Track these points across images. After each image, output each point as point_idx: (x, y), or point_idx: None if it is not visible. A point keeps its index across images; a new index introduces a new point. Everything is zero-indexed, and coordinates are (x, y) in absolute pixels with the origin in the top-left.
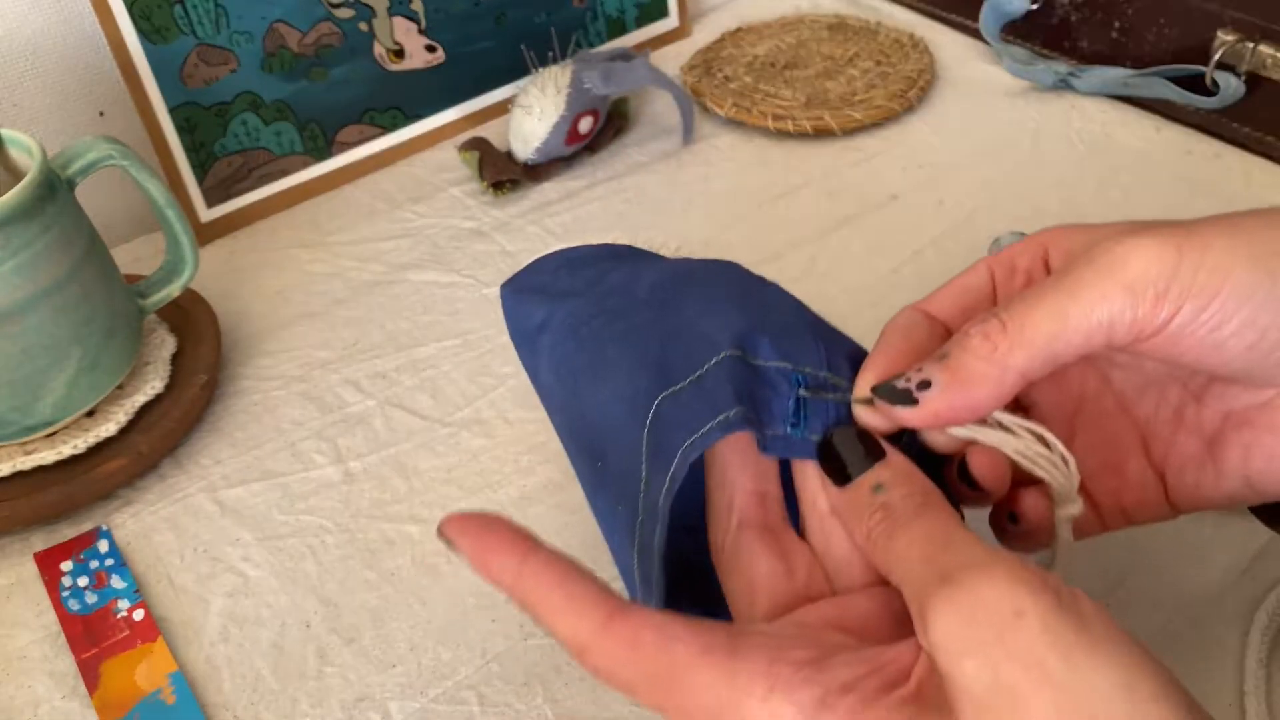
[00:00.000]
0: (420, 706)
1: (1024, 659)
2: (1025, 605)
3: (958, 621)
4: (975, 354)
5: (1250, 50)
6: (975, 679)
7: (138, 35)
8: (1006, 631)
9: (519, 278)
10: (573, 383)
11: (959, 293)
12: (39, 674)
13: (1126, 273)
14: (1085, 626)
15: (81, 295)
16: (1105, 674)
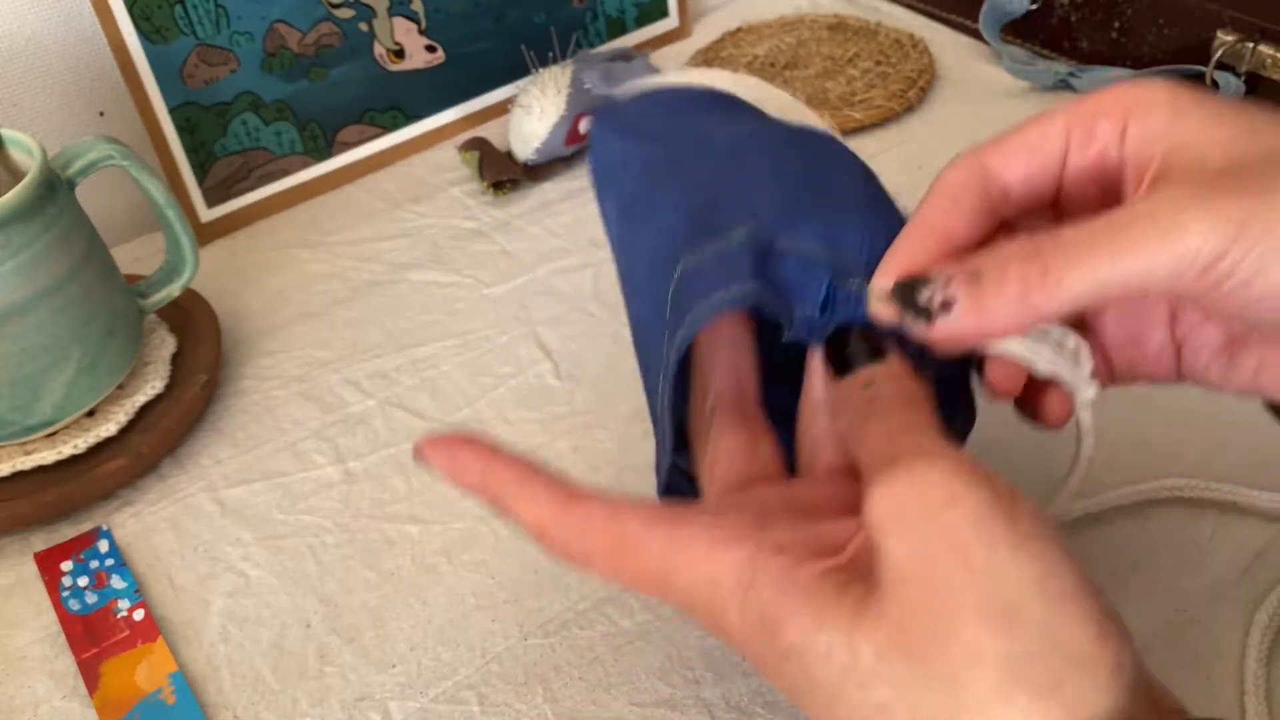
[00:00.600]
0: (420, 706)
1: (949, 541)
2: (960, 493)
3: (894, 498)
4: (1007, 294)
5: (1250, 50)
6: (900, 552)
7: (138, 35)
8: (938, 513)
9: (613, 111)
10: (630, 222)
11: (1028, 152)
12: (39, 674)
13: (1181, 244)
14: (1014, 523)
15: (81, 295)
16: (1025, 566)
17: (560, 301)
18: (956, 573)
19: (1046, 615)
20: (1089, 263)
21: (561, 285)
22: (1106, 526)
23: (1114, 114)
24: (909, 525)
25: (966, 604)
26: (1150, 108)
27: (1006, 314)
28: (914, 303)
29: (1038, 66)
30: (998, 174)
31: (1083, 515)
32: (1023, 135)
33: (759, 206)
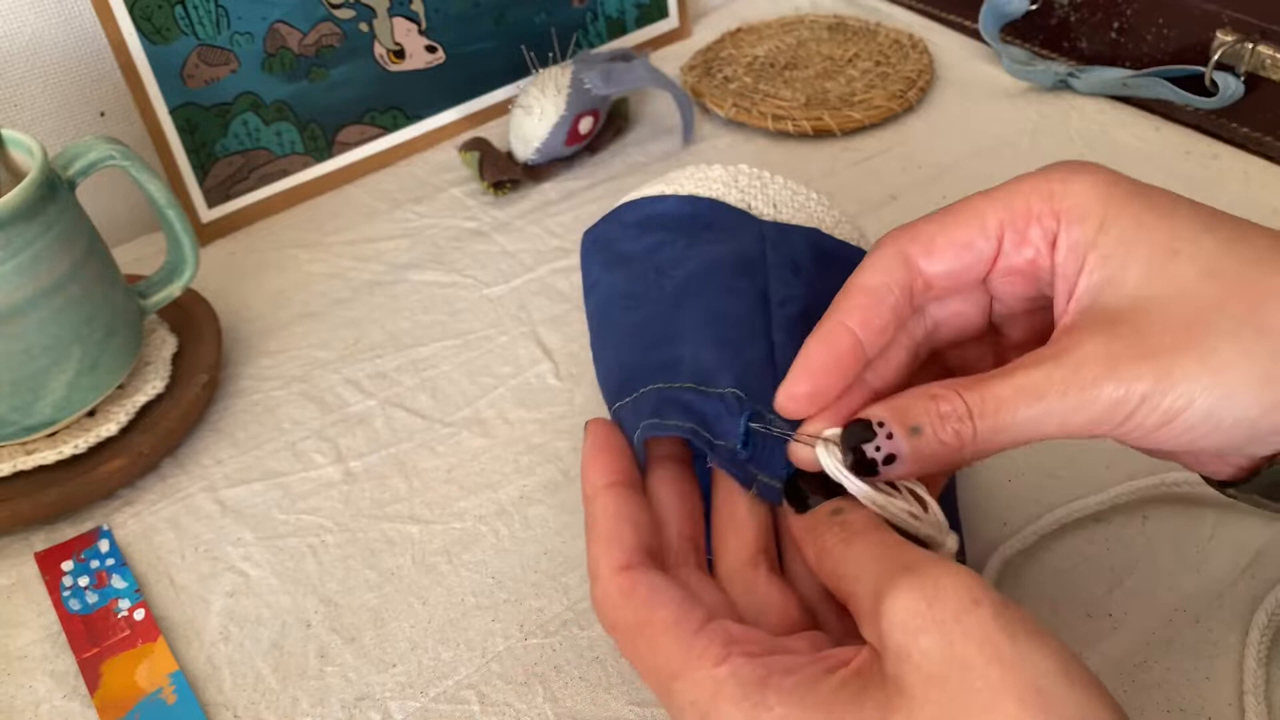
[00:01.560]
0: (420, 706)
1: (978, 637)
2: (980, 596)
3: (920, 601)
4: (943, 445)
5: (1249, 50)
6: (930, 653)
7: (138, 35)
8: (964, 614)
9: (598, 227)
10: (596, 327)
11: (956, 250)
12: (39, 674)
13: (1095, 406)
14: (1025, 620)
15: (82, 295)
16: (1048, 657)
17: (560, 301)
18: (991, 667)
19: (1075, 699)
20: (1014, 425)
21: (561, 285)
22: (1106, 526)
23: (1046, 220)
24: (938, 626)
25: (1004, 693)
26: (1080, 217)
27: (943, 460)
28: (861, 459)
29: (1037, 66)
30: (922, 269)
31: (1083, 515)
32: (951, 234)
33: (686, 349)
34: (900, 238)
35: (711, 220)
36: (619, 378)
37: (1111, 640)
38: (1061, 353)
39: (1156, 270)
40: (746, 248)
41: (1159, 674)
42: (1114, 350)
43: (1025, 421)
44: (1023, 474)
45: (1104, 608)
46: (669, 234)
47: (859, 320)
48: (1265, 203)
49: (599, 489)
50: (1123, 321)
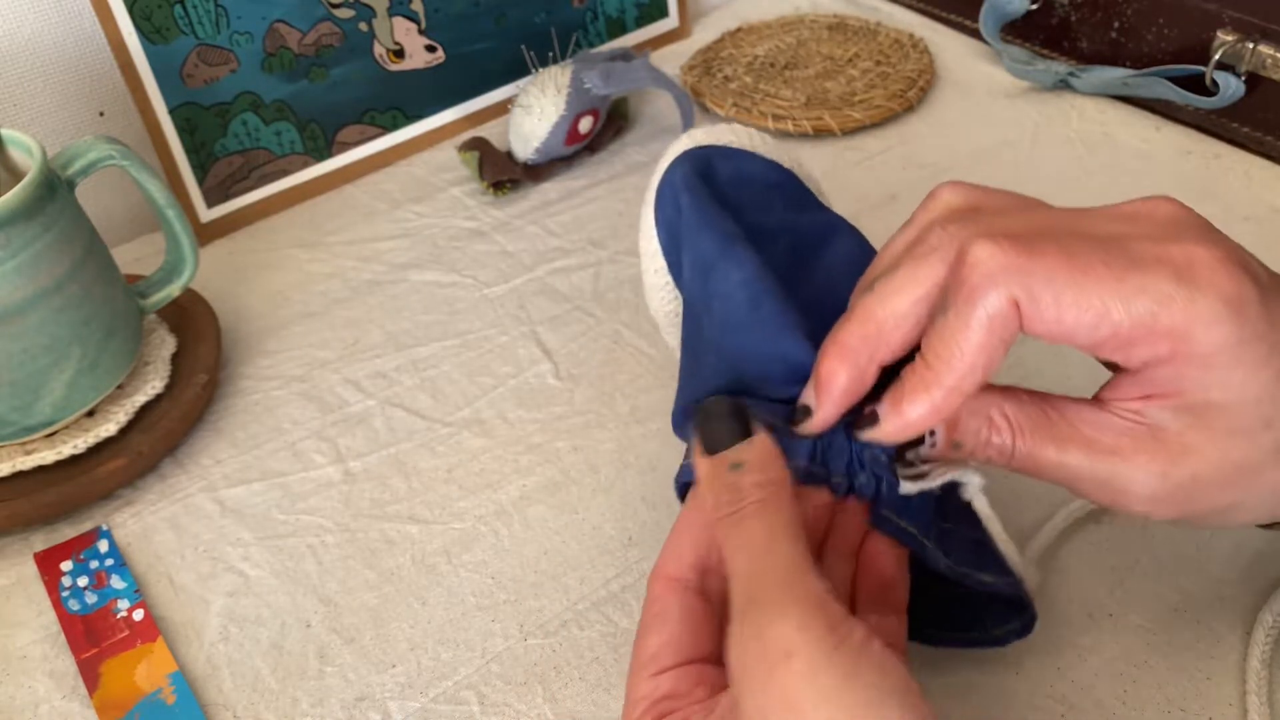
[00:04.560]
0: (420, 706)
1: (786, 698)
2: (796, 647)
3: (741, 653)
4: (973, 459)
5: (1250, 50)
6: (747, 706)
7: (138, 35)
8: (775, 670)
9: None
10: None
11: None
12: (39, 674)
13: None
14: (852, 669)
15: (82, 295)
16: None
17: (560, 301)
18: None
19: None
20: (1050, 474)
21: (561, 285)
22: (1106, 527)
23: (1162, 344)
24: (751, 679)
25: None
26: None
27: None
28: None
29: (1038, 66)
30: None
31: (1083, 515)
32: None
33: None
34: (1014, 281)
35: (799, 197)
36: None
37: (1112, 640)
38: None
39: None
40: (848, 237)
41: (1160, 674)
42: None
43: (1062, 479)
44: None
45: (1105, 608)
46: (780, 201)
47: (980, 380)
48: (1266, 202)
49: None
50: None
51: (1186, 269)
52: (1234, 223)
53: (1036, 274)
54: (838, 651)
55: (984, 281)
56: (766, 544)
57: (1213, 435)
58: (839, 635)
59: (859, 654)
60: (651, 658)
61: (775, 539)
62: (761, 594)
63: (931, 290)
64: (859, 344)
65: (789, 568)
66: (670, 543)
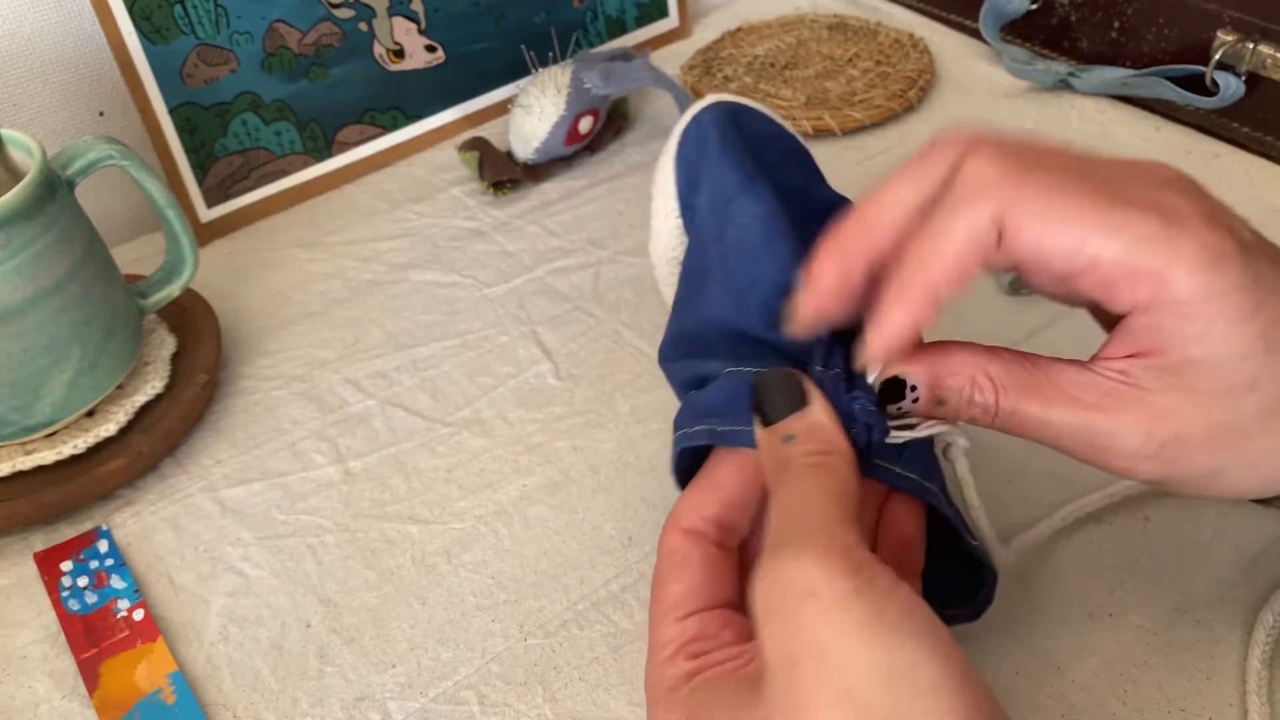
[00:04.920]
0: (420, 706)
1: (805, 636)
2: (819, 587)
3: (764, 592)
4: (956, 416)
5: (1250, 50)
6: (769, 646)
7: (138, 35)
8: (797, 608)
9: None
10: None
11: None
12: (39, 674)
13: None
14: (877, 614)
15: (82, 295)
16: (874, 655)
17: (560, 301)
18: (810, 664)
19: (892, 705)
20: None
21: (561, 285)
22: (1106, 526)
23: (1145, 290)
24: (774, 619)
25: (818, 694)
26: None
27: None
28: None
29: (1038, 66)
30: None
31: (1083, 515)
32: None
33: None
34: (1004, 198)
35: (812, 171)
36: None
37: (1112, 640)
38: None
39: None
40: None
41: (1160, 674)
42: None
43: (1046, 437)
44: (1023, 474)
45: (1105, 608)
46: (796, 168)
47: (945, 285)
48: (1266, 202)
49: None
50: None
51: (1173, 215)
52: None
53: (1025, 192)
54: (861, 593)
55: (972, 192)
56: (806, 501)
57: (1195, 395)
58: (864, 577)
59: (886, 595)
60: (676, 603)
61: (816, 498)
62: (789, 539)
63: (926, 191)
64: (848, 240)
65: (822, 520)
66: (689, 497)
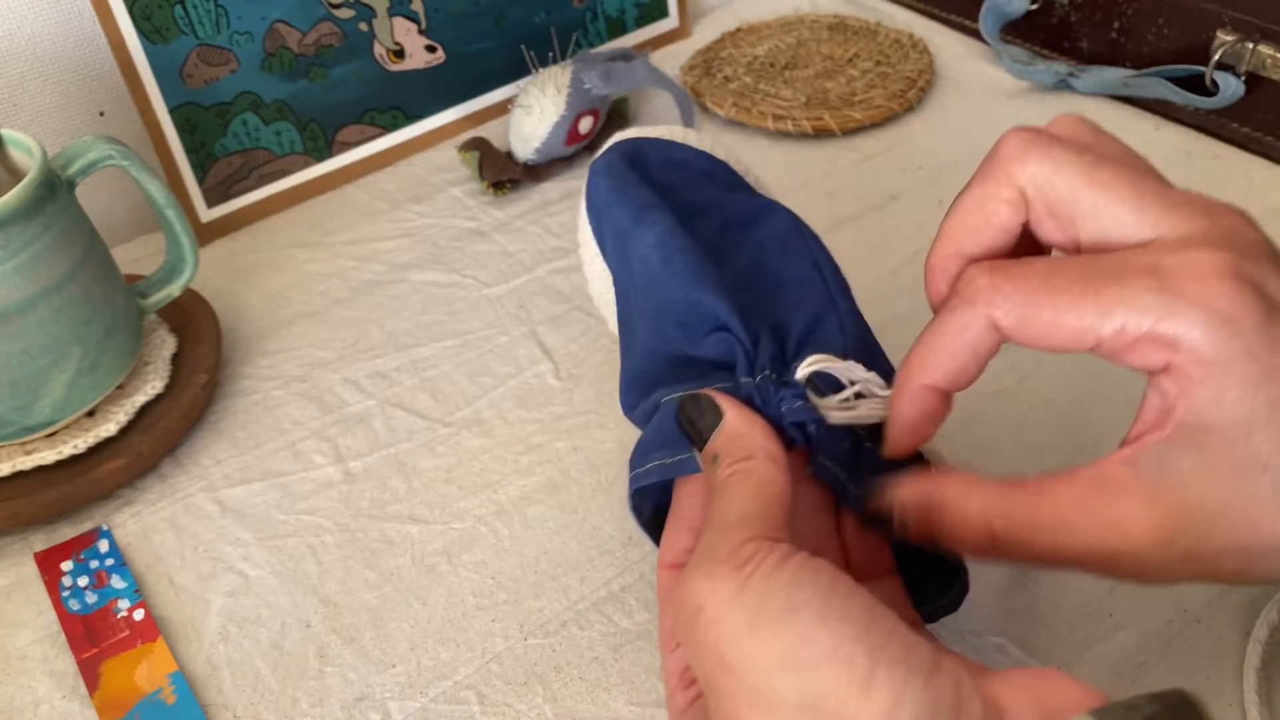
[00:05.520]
0: (420, 706)
1: (705, 650)
2: (704, 599)
3: (672, 617)
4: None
5: (1250, 50)
6: (697, 672)
7: (138, 35)
8: (694, 628)
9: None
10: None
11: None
12: (39, 674)
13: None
14: (758, 606)
15: (82, 295)
16: (767, 650)
17: (560, 301)
18: (721, 676)
19: (800, 688)
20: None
21: (561, 285)
22: None
23: (1156, 354)
24: (686, 645)
25: (736, 702)
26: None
27: None
28: None
29: (1038, 66)
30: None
31: None
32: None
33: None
34: (993, 303)
35: (731, 182)
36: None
37: (1112, 640)
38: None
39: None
40: (781, 217)
41: (1159, 674)
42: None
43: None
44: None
45: (1104, 608)
46: (710, 185)
47: (940, 378)
48: (1266, 203)
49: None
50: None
51: (1176, 279)
52: None
53: (1014, 298)
54: (743, 590)
55: (966, 299)
56: (715, 516)
57: (1206, 470)
58: (745, 573)
59: (766, 583)
60: (668, 635)
61: (726, 508)
62: (691, 564)
63: None
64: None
65: (720, 528)
66: (666, 533)
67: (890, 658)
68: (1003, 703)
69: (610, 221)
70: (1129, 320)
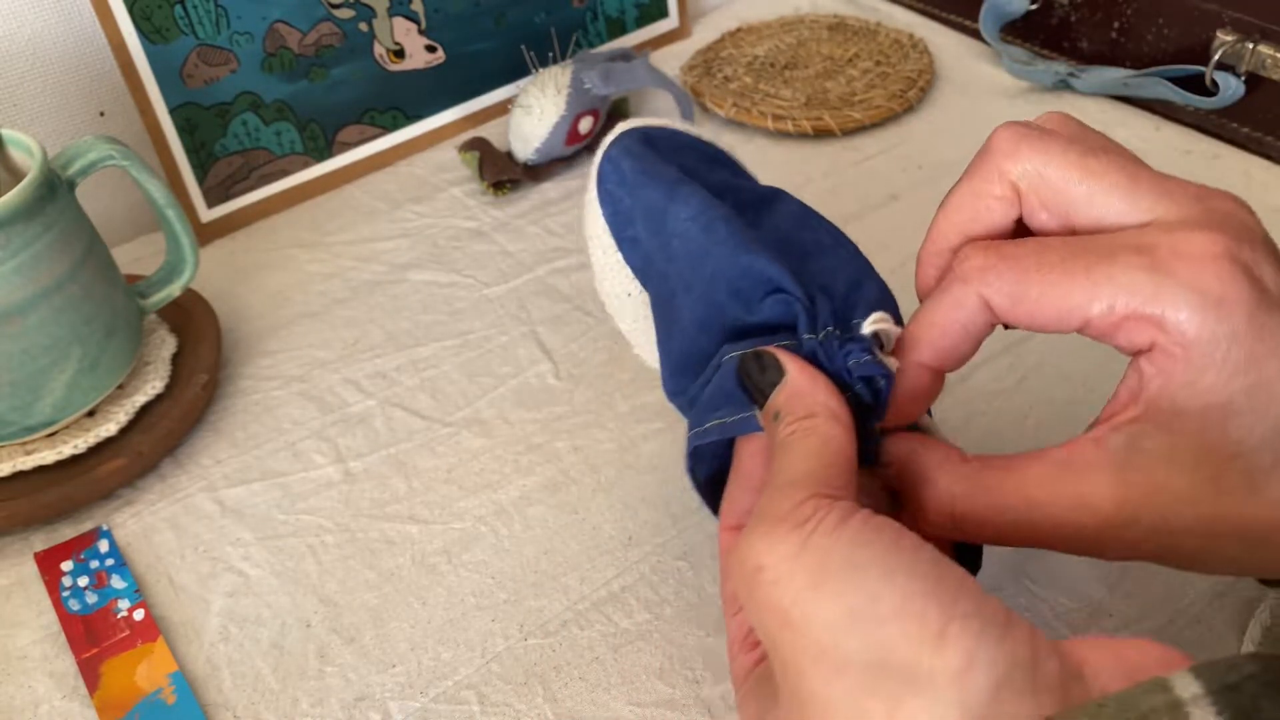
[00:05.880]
0: (420, 706)
1: (770, 611)
2: (764, 559)
3: (734, 585)
4: None
5: (1250, 50)
6: (760, 633)
7: (138, 35)
8: (756, 588)
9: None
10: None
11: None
12: (39, 674)
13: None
14: (820, 564)
15: (82, 295)
16: (832, 608)
17: (560, 301)
18: (785, 634)
19: (867, 644)
20: None
21: (561, 285)
22: None
23: (1144, 333)
24: (748, 606)
25: (800, 660)
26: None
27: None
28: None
29: (1038, 66)
30: (1002, 317)
31: None
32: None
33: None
34: (986, 281)
35: (736, 169)
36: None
37: None
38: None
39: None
40: (791, 201)
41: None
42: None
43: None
44: None
45: (1104, 608)
46: (720, 168)
47: (931, 355)
48: (1266, 203)
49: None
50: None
51: (1166, 259)
52: None
53: (1006, 276)
54: (805, 548)
55: (960, 277)
56: (776, 475)
57: (1174, 454)
58: (805, 530)
59: (829, 540)
60: (730, 598)
61: (787, 468)
62: (750, 523)
63: None
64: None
65: (779, 486)
66: (728, 493)
67: (963, 612)
68: (1082, 661)
69: (642, 202)
70: (1117, 299)
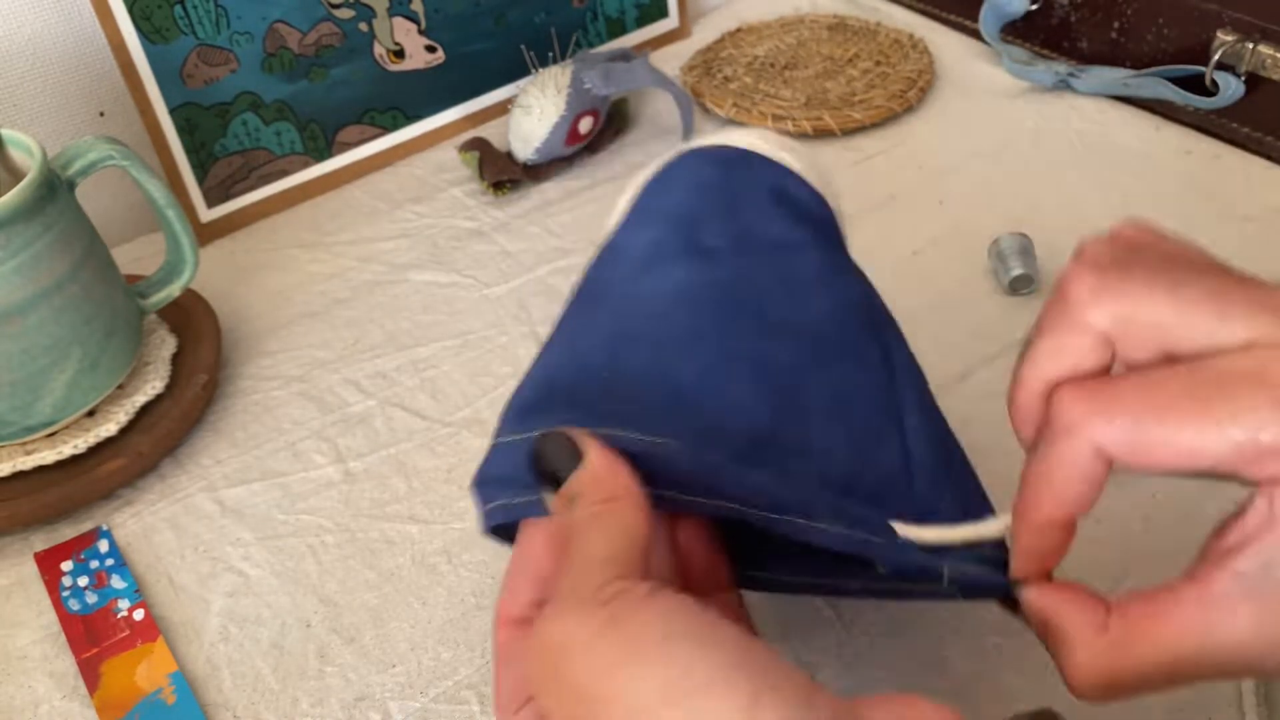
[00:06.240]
0: (420, 706)
1: (573, 689)
2: (568, 637)
3: (530, 666)
4: None
5: (1250, 50)
6: (554, 713)
7: (138, 35)
8: (558, 667)
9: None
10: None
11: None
12: (39, 674)
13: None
14: (630, 638)
15: (82, 295)
16: (646, 680)
17: (560, 302)
18: (594, 711)
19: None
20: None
21: (561, 285)
22: (1106, 526)
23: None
24: (546, 686)
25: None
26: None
27: None
28: None
29: (1038, 66)
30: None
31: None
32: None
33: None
34: (1096, 428)
35: (835, 239)
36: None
37: None
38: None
39: None
40: (868, 291)
41: None
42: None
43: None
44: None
45: None
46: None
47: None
48: (1266, 203)
49: None
50: None
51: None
52: (1234, 223)
53: (1118, 422)
54: (613, 622)
55: (1065, 429)
56: (576, 558)
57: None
58: (613, 606)
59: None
60: (509, 697)
61: (586, 550)
62: (550, 604)
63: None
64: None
65: (586, 567)
66: (508, 581)
67: (771, 684)
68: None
69: (671, 228)
70: (1249, 435)
